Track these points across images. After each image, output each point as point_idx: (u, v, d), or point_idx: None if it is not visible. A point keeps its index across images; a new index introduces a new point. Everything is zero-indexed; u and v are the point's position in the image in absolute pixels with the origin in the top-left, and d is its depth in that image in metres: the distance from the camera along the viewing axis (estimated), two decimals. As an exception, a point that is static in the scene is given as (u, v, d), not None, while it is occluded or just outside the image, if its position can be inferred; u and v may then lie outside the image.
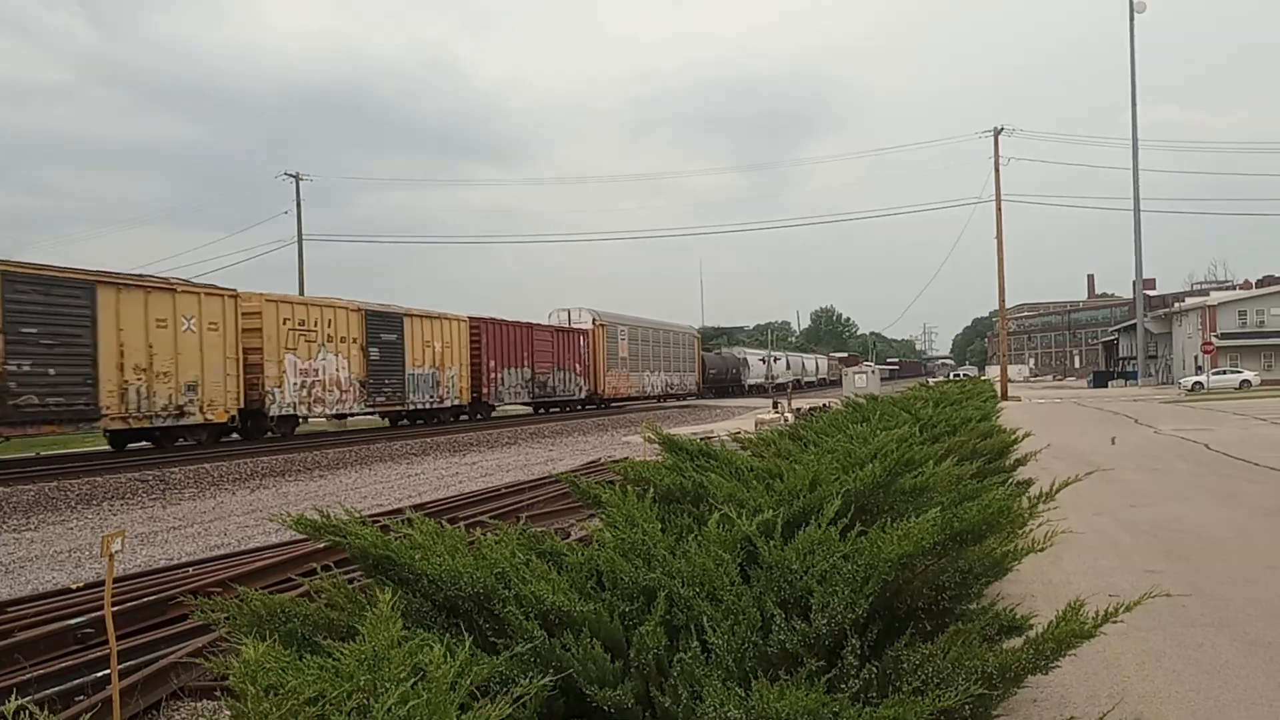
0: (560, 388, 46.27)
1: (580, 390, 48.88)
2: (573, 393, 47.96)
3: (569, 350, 47.58)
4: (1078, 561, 7.87)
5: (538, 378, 43.57)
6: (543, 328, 45.43)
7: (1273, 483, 12.71)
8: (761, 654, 2.55)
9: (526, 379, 42.60)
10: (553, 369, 45.19)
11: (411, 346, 34.24)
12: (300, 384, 28.72)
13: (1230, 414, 29.12)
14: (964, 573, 2.92)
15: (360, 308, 31.95)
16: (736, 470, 4.71)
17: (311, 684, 1.94)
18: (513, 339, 41.82)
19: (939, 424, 8.84)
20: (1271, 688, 4.80)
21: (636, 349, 56.86)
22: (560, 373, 46.24)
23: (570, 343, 48.00)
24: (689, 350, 68.13)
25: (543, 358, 44.21)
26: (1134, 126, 70.21)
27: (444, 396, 36.38)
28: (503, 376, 40.58)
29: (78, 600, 8.03)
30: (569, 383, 47.33)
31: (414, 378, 34.38)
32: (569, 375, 47.34)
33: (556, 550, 3.30)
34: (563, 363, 46.45)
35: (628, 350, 55.22)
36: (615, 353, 53.29)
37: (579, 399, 49.35)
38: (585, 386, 49.54)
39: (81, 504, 16.63)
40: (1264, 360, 67.93)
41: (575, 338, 48.85)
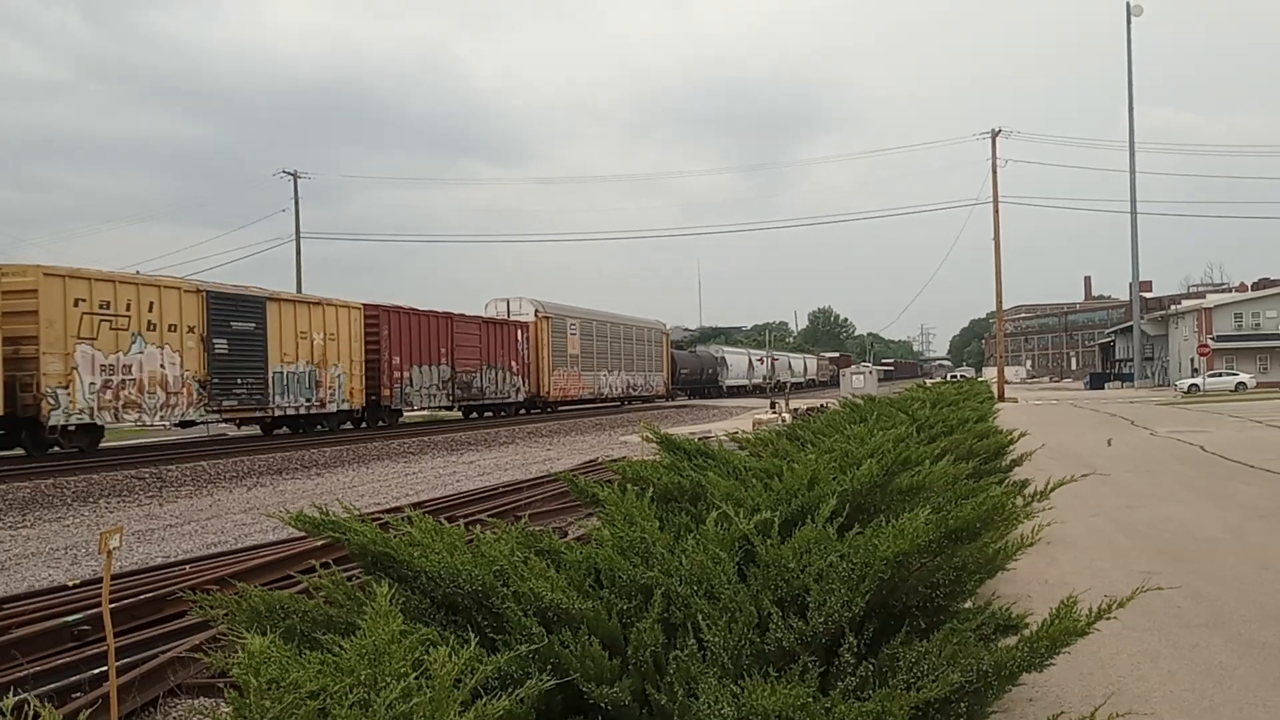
0: (491, 389, 40.04)
1: (517, 392, 42.48)
2: (507, 394, 41.61)
3: (503, 346, 41.25)
4: (1074, 562, 7.89)
5: (460, 377, 37.43)
6: (466, 319, 38.74)
7: (1268, 485, 12.75)
8: (759, 652, 2.57)
9: (444, 379, 36.38)
10: (480, 367, 39.00)
11: (279, 338, 28.02)
12: (101, 384, 22.45)
13: (1226, 416, 29.17)
14: (959, 570, 2.94)
15: (199, 288, 26.09)
16: (734, 470, 4.73)
17: (314, 678, 1.96)
18: (426, 332, 35.51)
19: (936, 424, 8.88)
20: (1265, 688, 4.82)
21: (591, 345, 50.74)
22: (491, 371, 39.94)
23: (505, 337, 41.59)
24: (655, 347, 61.81)
25: (467, 354, 37.98)
26: (1131, 129, 70.32)
27: (327, 399, 30.10)
28: (411, 376, 34.35)
29: (74, 597, 8.03)
30: (503, 383, 41.06)
31: (282, 377, 28.06)
32: (503, 374, 41.02)
33: (555, 548, 3.32)
34: (494, 359, 40.28)
35: (579, 346, 49.04)
36: (564, 349, 47.17)
37: (515, 402, 42.81)
38: (524, 387, 43.14)
39: (78, 501, 16.62)
40: (1260, 363, 68.05)
41: (511, 331, 42.36)
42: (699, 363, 74.18)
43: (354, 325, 31.85)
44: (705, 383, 73.90)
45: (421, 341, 35.35)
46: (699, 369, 73.03)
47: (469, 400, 38.98)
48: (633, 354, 57.35)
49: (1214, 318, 71.20)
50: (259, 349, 27.47)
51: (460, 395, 38.01)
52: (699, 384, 72.57)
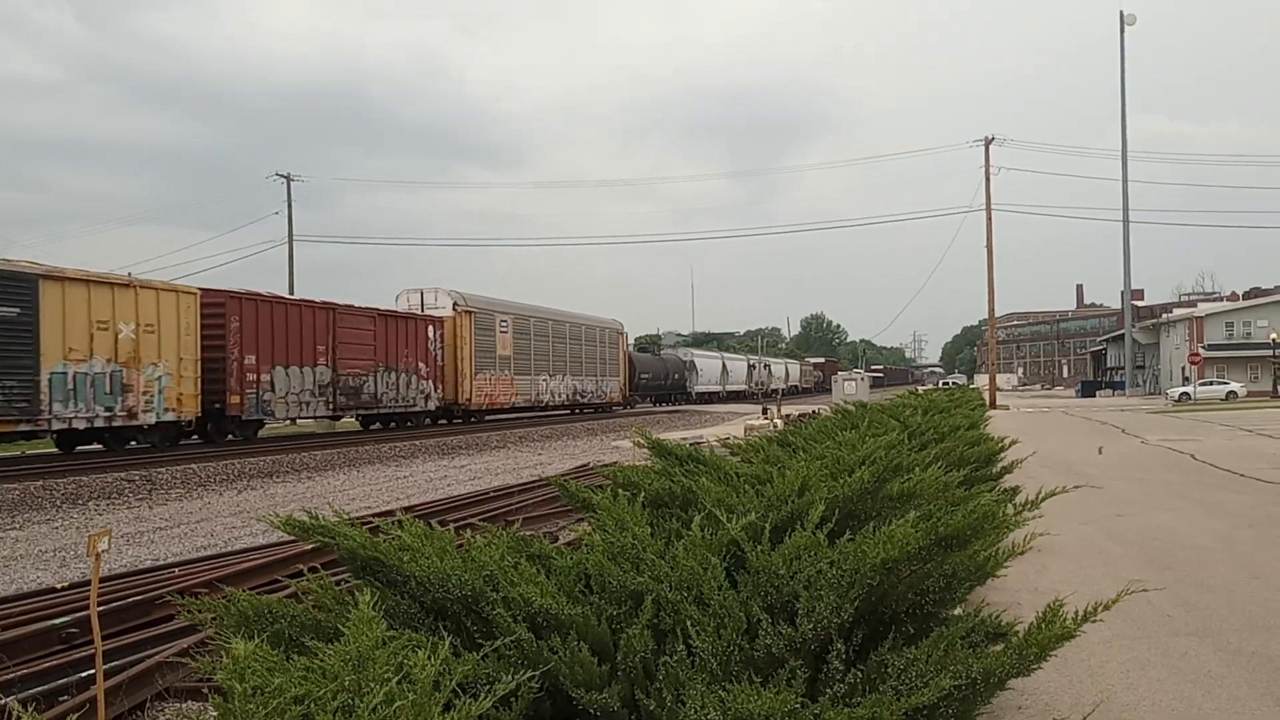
0: (389, 395, 33.63)
1: (426, 399, 35.96)
2: (413, 401, 35.15)
3: (408, 344, 34.67)
4: (1064, 570, 7.90)
5: (345, 381, 30.89)
6: (355, 311, 32.08)
7: (1258, 494, 12.79)
8: (748, 658, 2.56)
9: (322, 383, 29.83)
10: (375, 369, 32.54)
11: (62, 329, 21.70)
12: None
13: (1216, 425, 29.27)
14: (949, 578, 2.93)
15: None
16: (726, 475, 4.73)
17: (297, 683, 1.95)
18: (297, 326, 29.10)
19: (927, 432, 8.89)
20: (1254, 697, 4.83)
21: (527, 345, 44.17)
22: (390, 375, 33.54)
23: (410, 334, 35.00)
24: (610, 349, 54.98)
25: (354, 352, 31.51)
26: (1123, 137, 70.61)
27: (139, 408, 23.71)
28: (274, 379, 27.88)
29: (63, 600, 7.98)
30: (407, 388, 34.57)
31: (66, 379, 21.73)
32: (406, 378, 34.56)
33: (545, 553, 3.31)
34: (395, 360, 33.82)
35: (512, 346, 42.42)
36: (491, 349, 40.71)
37: (423, 410, 36.49)
38: (436, 394, 36.61)
39: (67, 503, 16.55)
40: (1250, 372, 68.29)
41: (419, 328, 35.74)
42: (664, 367, 67.42)
43: (185, 315, 25.18)
44: (671, 389, 68.31)
45: (290, 337, 28.74)
46: (663, 374, 66.50)
47: (359, 408, 32.59)
48: (581, 356, 50.73)
49: (1205, 326, 71.45)
50: (25, 342, 20.93)
51: (346, 402, 31.30)
52: (663, 390, 67.00)
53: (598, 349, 53.07)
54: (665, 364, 67.83)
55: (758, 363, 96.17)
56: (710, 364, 78.59)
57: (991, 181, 52.84)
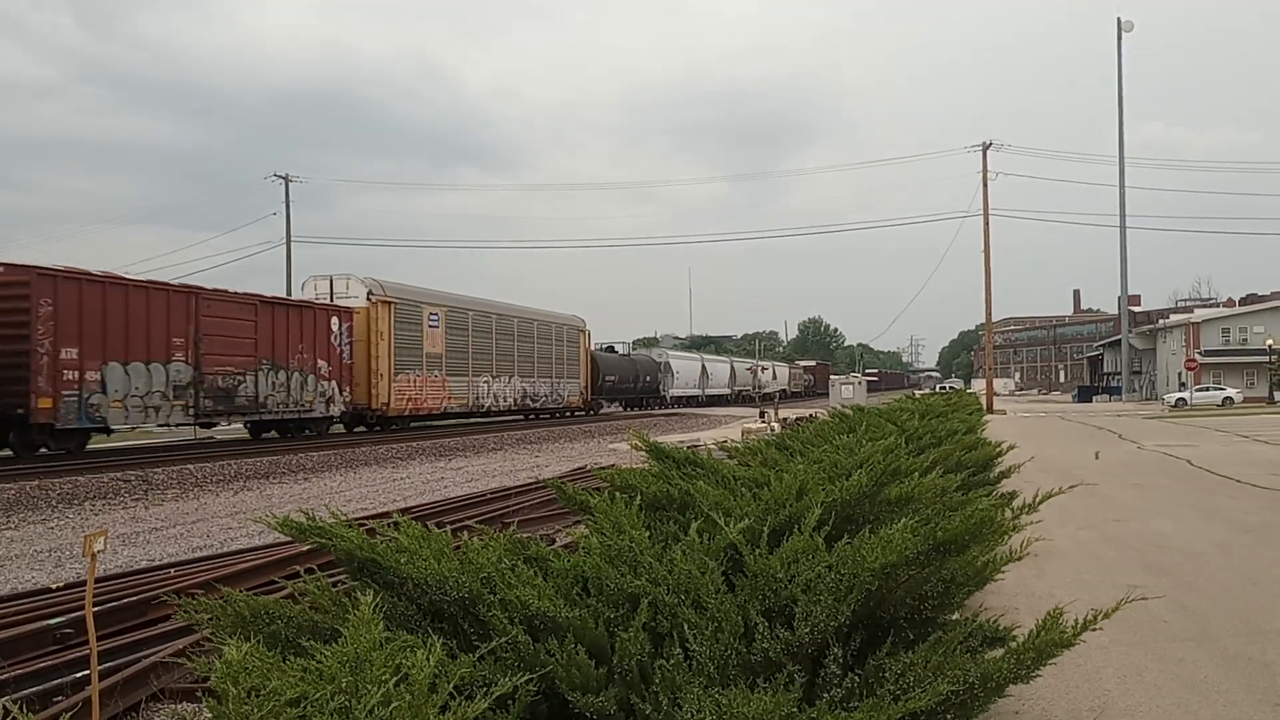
0: (275, 398, 27.92)
1: (328, 402, 30.27)
2: (308, 406, 29.29)
3: (303, 338, 29.03)
4: (1061, 575, 7.90)
5: (212, 381, 25.56)
6: (226, 297, 26.63)
7: (1254, 499, 12.79)
8: (745, 662, 2.56)
9: (180, 383, 24.40)
10: (256, 367, 27.18)
11: None
12: None
13: (1213, 430, 29.29)
14: (946, 582, 2.93)
15: None
16: (723, 479, 4.72)
17: (293, 685, 1.94)
18: (139, 313, 23.63)
19: (925, 436, 8.89)
20: (1251, 703, 4.82)
21: (463, 342, 38.92)
22: (278, 374, 28.00)
23: (307, 326, 29.35)
24: (569, 347, 49.48)
25: (226, 347, 26.08)
26: (1121, 143, 70.82)
27: None
28: (106, 378, 22.61)
29: (58, 600, 7.97)
30: (301, 391, 28.85)
31: None
32: (300, 379, 28.86)
33: (542, 556, 3.30)
34: (285, 357, 28.30)
35: (444, 342, 37.16)
36: (416, 345, 35.47)
37: (323, 416, 30.57)
38: (342, 396, 30.97)
39: (63, 503, 16.51)
40: (1246, 378, 68.38)
41: (319, 319, 30.05)
42: (633, 368, 60.95)
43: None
44: (642, 392, 62.57)
45: (132, 327, 23.43)
46: (632, 376, 60.33)
47: (234, 414, 27.02)
48: (532, 355, 45.24)
49: (1201, 332, 71.56)
50: None
51: (214, 407, 25.84)
52: (633, 394, 61.21)
53: (553, 347, 47.56)
54: (635, 365, 61.49)
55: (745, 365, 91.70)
56: (687, 365, 73.43)
57: (989, 186, 52.97)
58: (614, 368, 57.69)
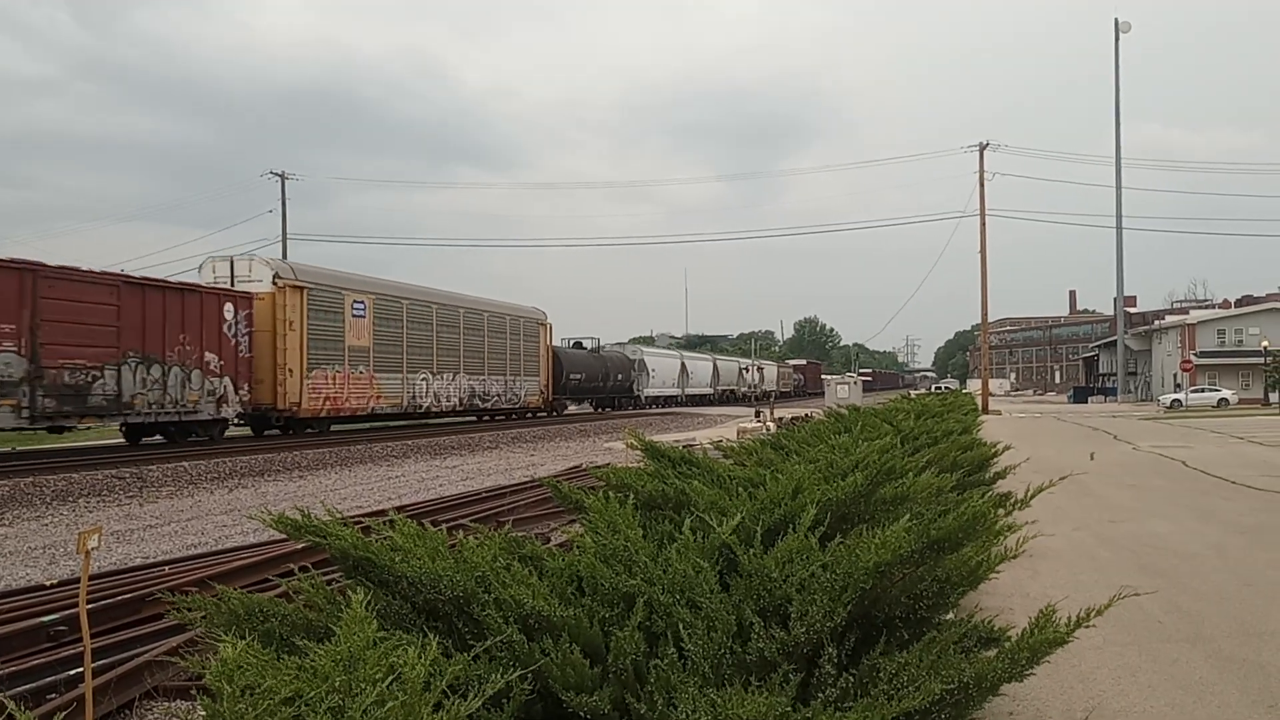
0: (149, 397, 23.63)
1: (220, 403, 26.23)
2: (192, 406, 25.16)
3: (185, 327, 24.84)
4: (1055, 575, 7.91)
5: (55, 376, 21.21)
6: (73, 276, 21.92)
7: (1248, 500, 12.82)
8: (740, 661, 2.55)
9: (8, 378, 20.14)
10: (119, 360, 22.83)
11: None
12: None
13: (1208, 432, 29.36)
14: (941, 582, 2.93)
15: None
16: (719, 478, 4.72)
17: (288, 684, 1.94)
18: None
19: (920, 436, 8.89)
20: (1245, 704, 4.83)
21: (396, 334, 34.51)
22: (149, 369, 23.66)
23: (190, 313, 25.13)
24: (527, 342, 44.99)
25: (75, 335, 21.69)
26: (1118, 144, 70.94)
27: None
28: None
29: (51, 597, 7.95)
30: (182, 388, 24.68)
31: None
32: (181, 374, 24.65)
33: (537, 555, 3.30)
34: (161, 348, 24.00)
35: (372, 334, 32.82)
36: (336, 337, 30.95)
37: (212, 418, 26.26)
38: (238, 395, 26.90)
39: (57, 500, 16.48)
40: (1241, 379, 68.53)
41: (206, 305, 25.78)
42: (601, 366, 56.35)
43: None
44: (614, 391, 58.38)
45: None
46: (601, 374, 55.86)
47: (88, 414, 22.42)
48: (482, 349, 40.86)
49: (1197, 334, 71.71)
50: None
51: (57, 407, 21.38)
52: (603, 392, 57.22)
53: (506, 342, 43.04)
54: (604, 362, 56.82)
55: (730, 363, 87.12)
56: (665, 364, 68.43)
57: (986, 186, 53.03)
58: (580, 365, 53.23)
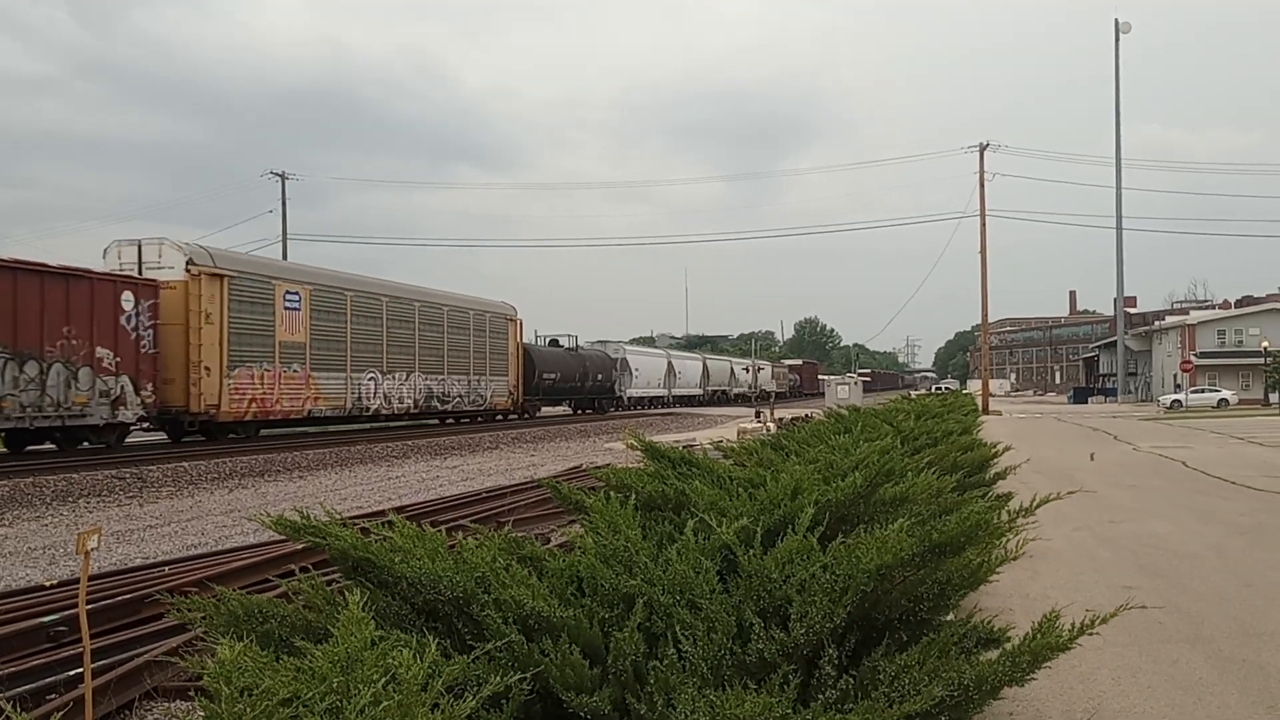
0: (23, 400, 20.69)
1: (115, 405, 23.03)
2: (78, 408, 22.07)
3: (70, 318, 21.76)
4: (1056, 576, 7.91)
5: None
6: None
7: (1248, 500, 12.81)
8: (740, 662, 2.55)
9: None
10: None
11: None
12: None
13: (1208, 432, 29.34)
14: (942, 584, 2.93)
15: None
16: (719, 479, 4.71)
17: (286, 685, 1.93)
18: None
19: (920, 436, 8.89)
20: (1245, 705, 4.83)
21: (338, 329, 30.81)
22: (22, 366, 20.70)
23: (79, 302, 22.01)
24: (494, 339, 41.65)
25: None
26: (1118, 145, 70.94)
27: None
28: None
29: (51, 598, 7.94)
30: (66, 389, 21.68)
31: None
32: (67, 373, 21.71)
33: (537, 555, 3.30)
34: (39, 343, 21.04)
35: (309, 329, 29.05)
36: (264, 331, 27.59)
37: (107, 423, 23.23)
38: (139, 396, 23.61)
39: (57, 500, 16.48)
40: (1241, 380, 68.51)
41: (100, 294, 22.56)
42: (579, 365, 52.57)
43: None
44: (593, 392, 54.92)
45: None
46: (579, 373, 52.16)
47: None
48: (441, 347, 37.43)
49: (1197, 334, 71.69)
50: None
51: None
52: (581, 393, 53.73)
53: (469, 339, 39.52)
54: (582, 361, 53.09)
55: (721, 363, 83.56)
56: (650, 363, 64.75)
57: (986, 187, 53.02)
58: (555, 364, 49.21)
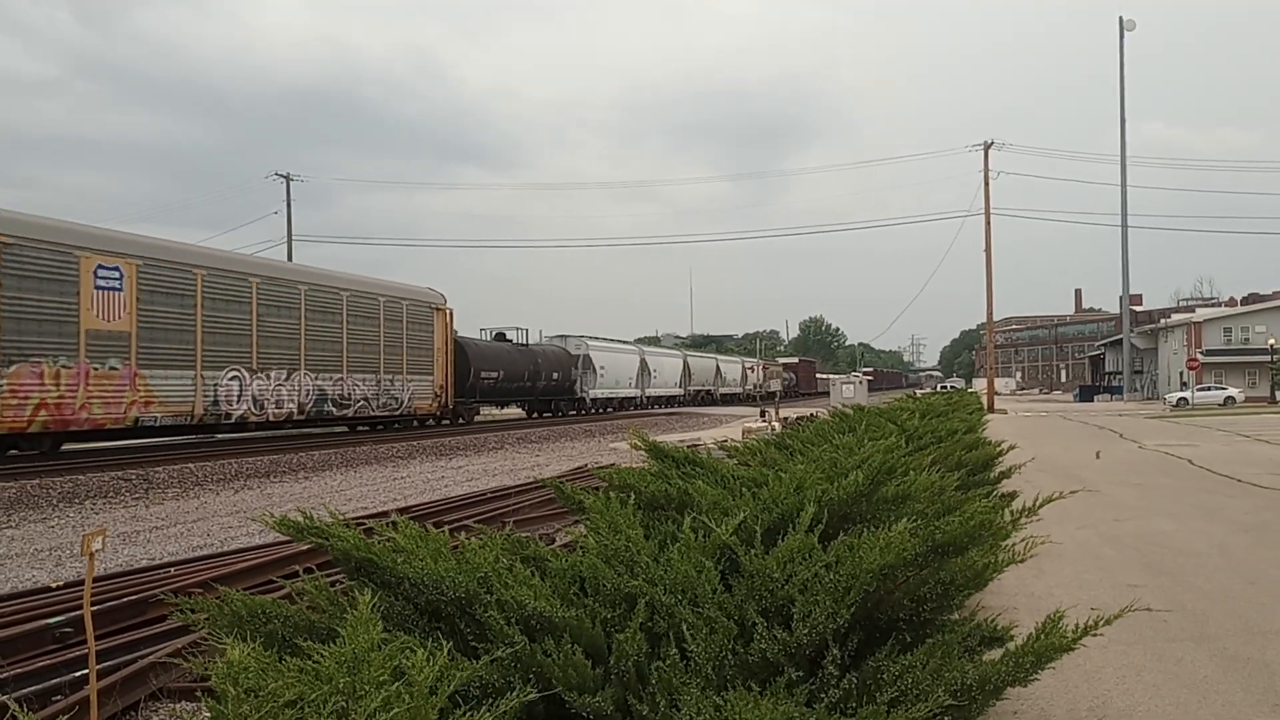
0: None
1: None
2: None
3: None
4: (1060, 574, 7.90)
5: None
6: None
7: (1254, 499, 12.78)
8: (743, 662, 2.55)
9: None
10: None
11: None
12: None
13: (1214, 430, 29.27)
14: (945, 584, 2.93)
15: None
16: (722, 478, 4.72)
17: (291, 686, 1.94)
18: None
19: (925, 435, 8.88)
20: (1250, 704, 4.82)
21: (183, 316, 24.78)
22: None
23: None
24: (416, 330, 34.95)
25: None
26: (1122, 143, 70.82)
27: None
28: None
29: (57, 599, 7.97)
30: None
31: None
32: None
33: (540, 556, 3.30)
34: None
35: (134, 315, 23.29)
36: (63, 317, 21.53)
37: None
38: None
39: (64, 502, 16.52)
40: (1248, 377, 68.34)
41: None
42: (530, 363, 44.42)
43: None
44: (549, 392, 47.15)
45: None
46: (530, 372, 44.16)
47: None
48: (340, 339, 30.83)
49: (1203, 332, 71.51)
50: None
51: None
52: (532, 394, 45.78)
53: (380, 330, 32.73)
54: (533, 358, 44.97)
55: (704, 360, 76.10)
56: (618, 360, 56.54)
57: (990, 185, 52.94)
58: (498, 361, 41.42)
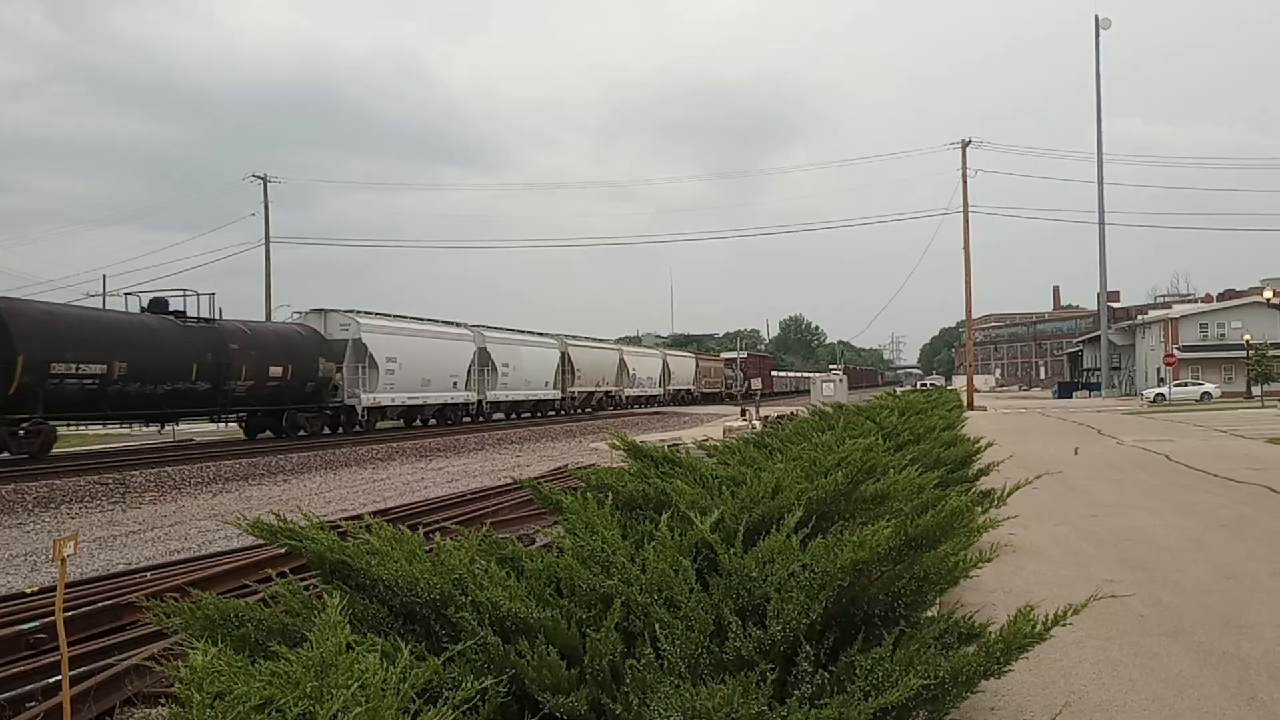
0: None
1: None
2: None
3: None
4: (1039, 571, 7.94)
5: None
6: None
7: (1230, 494, 12.90)
8: (717, 660, 2.55)
9: None
10: None
11: None
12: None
13: (1191, 426, 29.53)
14: (920, 580, 2.93)
15: None
16: (701, 477, 4.71)
17: (260, 690, 1.92)
18: None
19: (904, 433, 8.90)
20: (1225, 697, 4.86)
21: None
22: None
23: None
24: None
25: None
26: (1099, 140, 71.28)
27: None
28: None
29: (32, 605, 7.88)
30: None
31: None
32: None
33: (516, 556, 3.28)
34: None
35: None
36: None
37: None
38: None
39: (39, 507, 16.35)
40: (1224, 373, 68.95)
41: None
42: (202, 352, 26.67)
43: None
44: (261, 397, 29.45)
45: None
46: (208, 366, 26.67)
47: None
48: None
49: (1180, 328, 72.09)
50: None
51: None
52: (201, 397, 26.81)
53: None
54: (209, 345, 27.10)
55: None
56: (425, 348, 37.67)
57: (969, 184, 53.23)
58: (102, 345, 23.39)
